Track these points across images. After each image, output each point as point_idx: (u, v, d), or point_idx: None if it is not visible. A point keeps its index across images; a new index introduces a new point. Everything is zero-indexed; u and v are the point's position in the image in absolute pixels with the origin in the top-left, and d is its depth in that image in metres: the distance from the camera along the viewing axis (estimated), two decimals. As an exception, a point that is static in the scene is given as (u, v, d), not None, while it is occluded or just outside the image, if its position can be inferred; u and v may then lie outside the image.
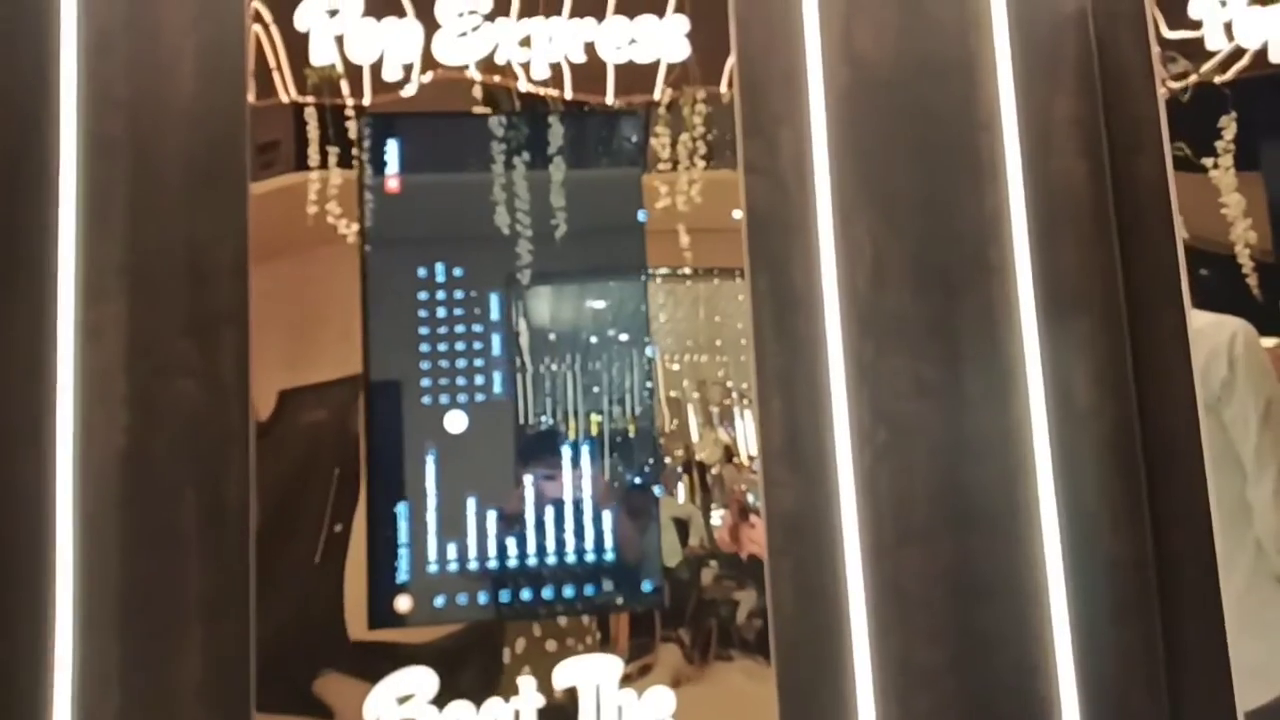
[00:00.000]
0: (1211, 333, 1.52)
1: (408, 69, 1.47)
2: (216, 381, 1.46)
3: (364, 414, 1.41)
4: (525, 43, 1.49)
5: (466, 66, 1.48)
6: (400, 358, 1.44)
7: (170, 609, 1.42)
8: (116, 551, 1.42)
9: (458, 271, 1.45)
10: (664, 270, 1.51)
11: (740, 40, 1.57)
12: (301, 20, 1.44)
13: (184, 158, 1.49)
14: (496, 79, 1.48)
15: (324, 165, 1.43)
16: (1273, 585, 1.50)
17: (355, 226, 1.43)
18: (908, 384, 1.62)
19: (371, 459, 1.41)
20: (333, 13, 1.45)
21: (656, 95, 1.50)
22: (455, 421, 1.44)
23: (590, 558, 1.46)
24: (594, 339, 1.48)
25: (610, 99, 1.50)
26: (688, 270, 1.51)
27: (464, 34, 1.47)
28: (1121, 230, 1.66)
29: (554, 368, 1.47)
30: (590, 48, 1.49)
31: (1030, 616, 1.58)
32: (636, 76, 1.50)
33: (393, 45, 1.46)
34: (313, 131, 1.43)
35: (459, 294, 1.45)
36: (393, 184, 1.45)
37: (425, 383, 1.44)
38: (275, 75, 1.43)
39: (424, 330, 1.44)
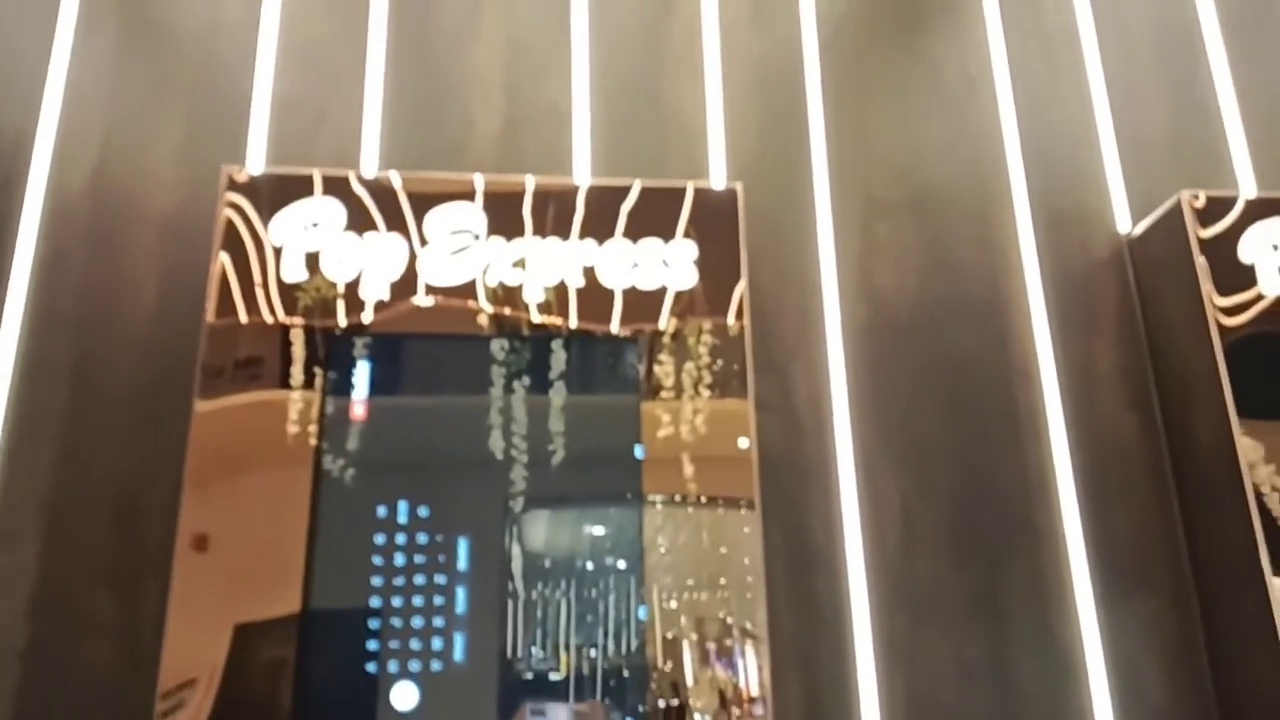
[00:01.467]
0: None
1: (391, 288, 1.34)
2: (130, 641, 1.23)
3: (293, 682, 1.16)
4: (519, 264, 1.36)
5: (452, 289, 1.35)
6: (345, 613, 1.21)
7: None
8: None
9: (422, 511, 1.25)
10: (662, 498, 1.30)
11: (751, 270, 1.45)
12: (277, 234, 1.33)
13: (130, 383, 1.34)
14: (479, 304, 1.35)
15: (285, 385, 1.27)
16: None
17: (312, 453, 1.25)
18: (948, 666, 1.37)
19: (298, 739, 1.15)
20: (313, 225, 1.34)
21: (661, 324, 1.36)
22: (403, 695, 1.19)
23: None
24: (589, 566, 1.26)
25: (614, 327, 1.36)
26: (691, 499, 1.30)
27: (455, 253, 1.36)
28: (1181, 490, 1.46)
29: (547, 594, 1.24)
30: (590, 272, 1.37)
31: None
32: (640, 303, 1.37)
33: (372, 263, 1.34)
34: (274, 350, 1.29)
35: (421, 537, 1.25)
36: (358, 409, 1.29)
37: (371, 645, 1.20)
38: (239, 293, 1.30)
39: (376, 580, 1.22)
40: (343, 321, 1.31)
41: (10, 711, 1.21)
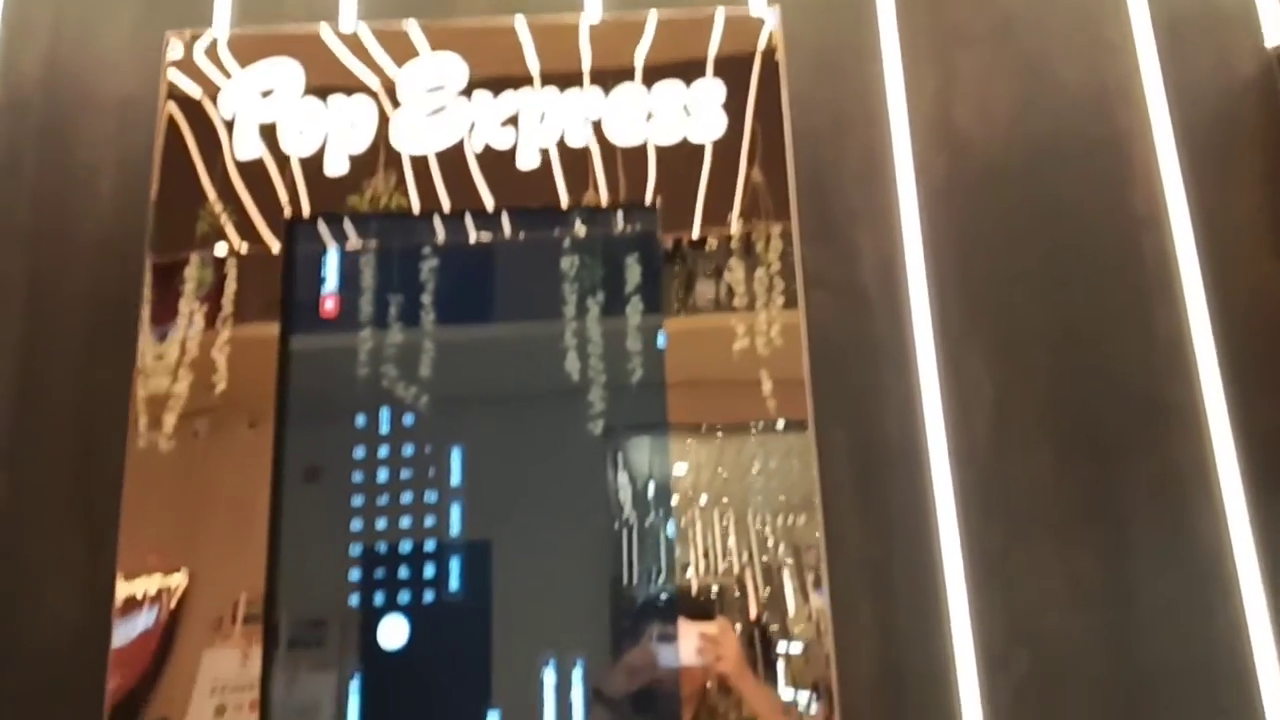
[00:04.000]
0: None
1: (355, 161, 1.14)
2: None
3: (260, 608, 1.01)
4: (510, 122, 1.14)
5: (431, 155, 1.14)
6: (321, 538, 1.04)
7: None
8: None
9: (407, 419, 1.07)
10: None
11: (800, 117, 1.19)
12: (227, 106, 1.14)
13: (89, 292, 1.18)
14: (465, 172, 1.13)
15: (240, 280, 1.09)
16: None
17: (274, 360, 1.07)
18: (1058, 587, 1.12)
19: (270, 681, 1.00)
20: (266, 94, 1.14)
21: (691, 187, 1.12)
22: (392, 631, 1.02)
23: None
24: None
25: (629, 193, 1.13)
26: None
27: (432, 113, 1.14)
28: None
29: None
30: (598, 127, 1.14)
31: None
32: (659, 161, 1.13)
33: (337, 132, 1.13)
34: (227, 235, 1.11)
35: (407, 448, 1.06)
36: (329, 305, 1.10)
37: (353, 575, 1.03)
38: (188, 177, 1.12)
39: (357, 500, 1.05)
40: (305, 203, 1.12)
41: None
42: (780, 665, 1.03)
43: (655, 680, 1.01)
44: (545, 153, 1.13)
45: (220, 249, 1.10)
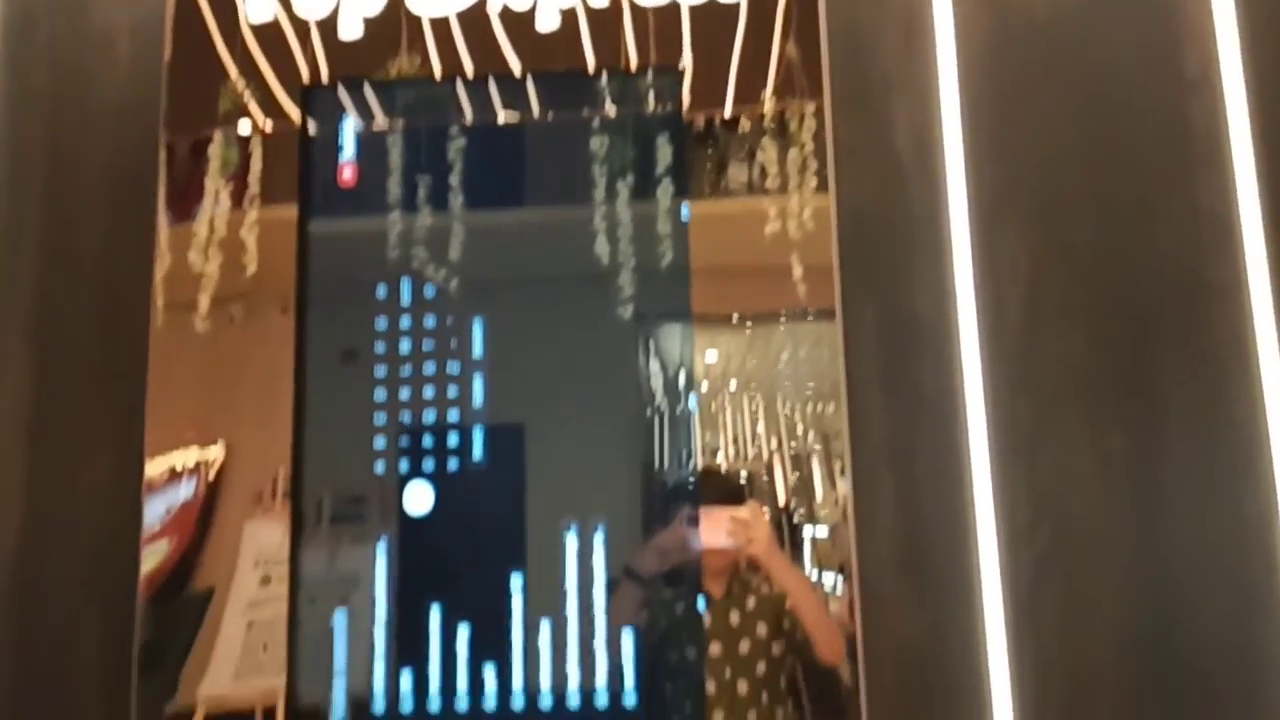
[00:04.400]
0: None
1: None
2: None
3: (289, 484, 1.03)
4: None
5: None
6: (347, 408, 1.05)
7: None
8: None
9: (428, 291, 1.06)
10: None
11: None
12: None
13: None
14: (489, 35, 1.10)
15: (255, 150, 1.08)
16: None
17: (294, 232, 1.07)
18: (1086, 461, 1.10)
19: (299, 546, 1.02)
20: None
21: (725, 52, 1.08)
22: (417, 497, 1.04)
23: (604, 700, 1.01)
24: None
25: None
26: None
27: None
28: None
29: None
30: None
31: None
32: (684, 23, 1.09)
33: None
34: (250, 111, 1.09)
35: (429, 320, 1.06)
36: (347, 175, 1.08)
37: (379, 443, 1.04)
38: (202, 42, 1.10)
39: (380, 371, 1.05)
40: (324, 69, 1.09)
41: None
42: (807, 549, 1.06)
43: (685, 561, 1.02)
44: (570, 13, 1.09)
45: (244, 127, 1.09)
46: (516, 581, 1.02)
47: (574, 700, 1.00)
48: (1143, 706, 1.05)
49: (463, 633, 1.01)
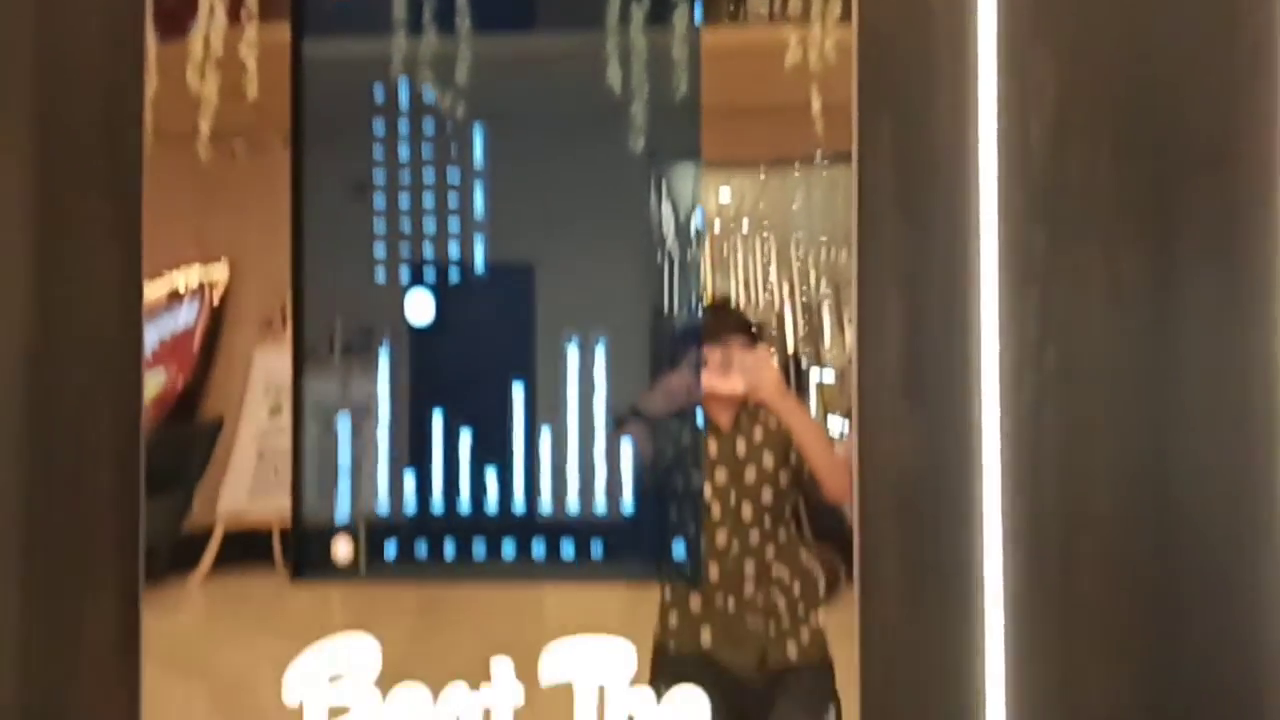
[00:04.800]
0: None
1: None
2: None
3: (290, 291, 1.03)
4: None
5: None
6: (345, 214, 1.04)
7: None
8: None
9: (427, 95, 1.03)
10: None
11: None
12: None
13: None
14: None
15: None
16: None
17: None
18: (1098, 286, 1.08)
19: (301, 354, 1.03)
20: None
21: None
22: (418, 306, 1.04)
23: (602, 508, 1.04)
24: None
25: None
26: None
27: None
28: None
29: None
30: None
31: (1256, 640, 1.05)
32: None
33: None
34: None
35: (428, 125, 1.03)
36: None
37: (379, 251, 1.04)
38: None
39: (379, 177, 1.03)
40: None
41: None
42: (812, 393, 1.06)
43: (691, 403, 1.03)
44: None
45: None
46: (518, 390, 1.03)
47: (574, 506, 1.03)
48: (1134, 534, 1.07)
49: (465, 438, 1.03)
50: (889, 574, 1.06)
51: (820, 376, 1.07)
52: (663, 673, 1.02)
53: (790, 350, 1.07)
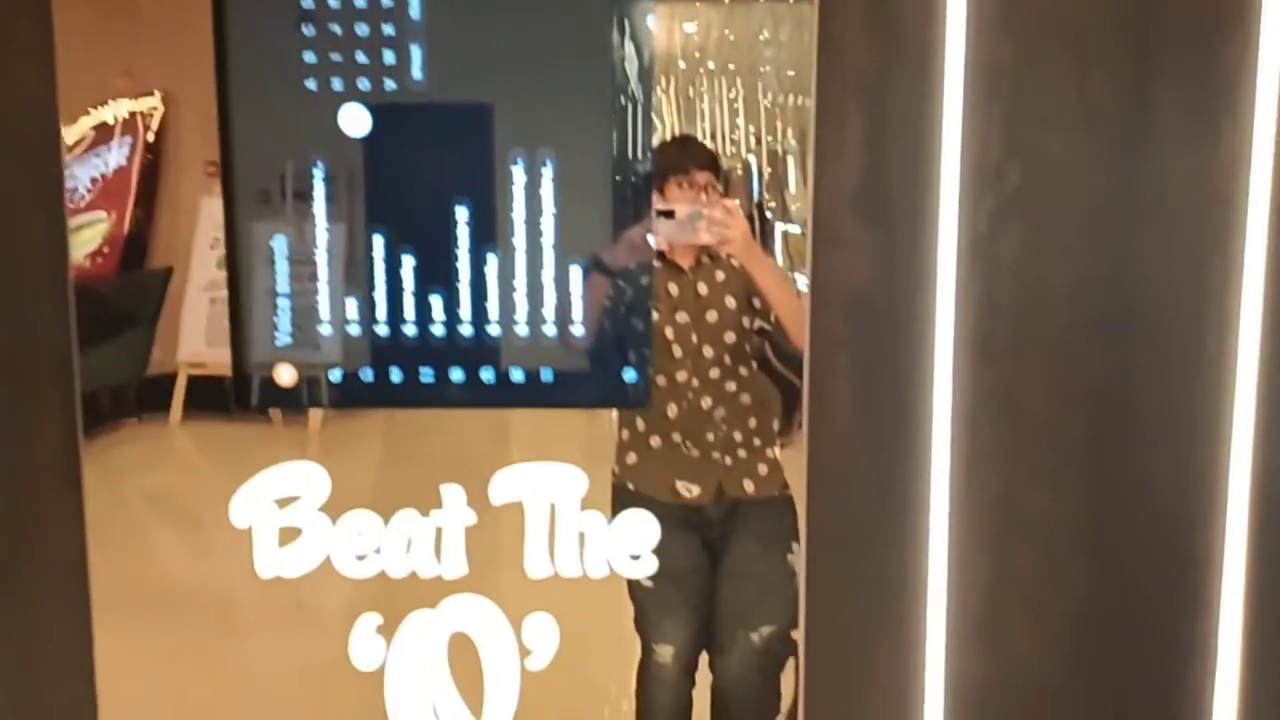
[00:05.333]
0: None
1: None
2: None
3: (219, 103, 0.96)
4: None
5: None
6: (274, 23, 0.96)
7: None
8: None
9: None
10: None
11: None
12: None
13: None
14: None
15: None
16: None
17: None
18: (1066, 103, 1.05)
19: (231, 170, 0.97)
20: None
21: None
22: (353, 119, 0.97)
23: (551, 330, 1.01)
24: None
25: None
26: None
27: None
28: None
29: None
30: None
31: (1199, 459, 1.07)
32: None
33: None
34: None
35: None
36: None
37: (309, 57, 0.96)
38: None
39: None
40: None
41: None
42: (778, 243, 1.06)
43: (651, 256, 1.01)
44: None
45: None
46: (461, 213, 0.98)
47: (522, 330, 1.00)
48: (1086, 353, 1.07)
49: (407, 262, 0.99)
50: (841, 396, 1.06)
51: (786, 228, 1.07)
52: (621, 509, 1.04)
53: (756, 200, 1.06)
